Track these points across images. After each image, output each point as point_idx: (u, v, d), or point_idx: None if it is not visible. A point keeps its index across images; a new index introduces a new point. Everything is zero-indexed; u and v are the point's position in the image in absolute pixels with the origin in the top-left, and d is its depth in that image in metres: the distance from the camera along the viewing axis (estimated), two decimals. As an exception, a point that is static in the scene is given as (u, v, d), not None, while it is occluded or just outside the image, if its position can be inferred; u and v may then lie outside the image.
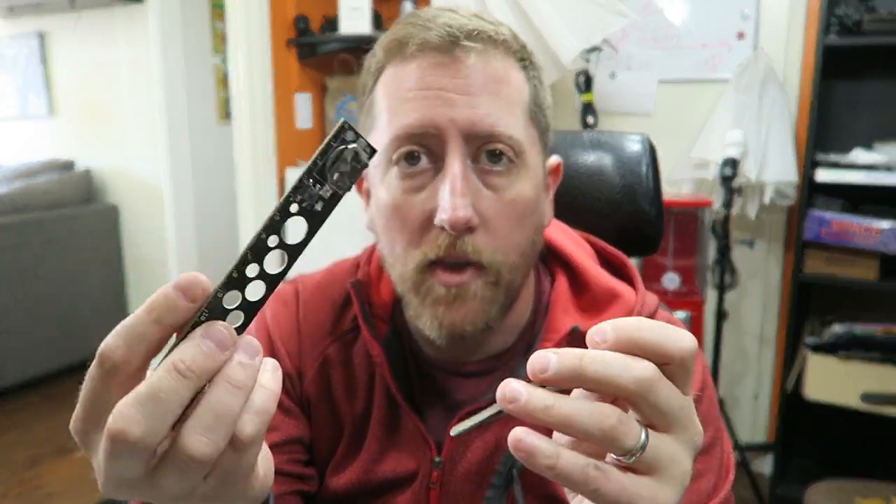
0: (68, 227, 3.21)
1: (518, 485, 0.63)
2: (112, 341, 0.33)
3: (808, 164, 1.93)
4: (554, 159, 0.69)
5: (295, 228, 0.36)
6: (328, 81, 2.68)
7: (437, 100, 0.57)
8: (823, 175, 1.88)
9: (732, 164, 1.92)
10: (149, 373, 0.33)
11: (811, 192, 1.97)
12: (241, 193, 2.56)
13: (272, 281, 0.35)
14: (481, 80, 0.57)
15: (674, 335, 0.34)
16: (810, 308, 2.24)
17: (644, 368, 0.33)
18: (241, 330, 0.35)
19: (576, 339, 0.62)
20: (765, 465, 2.36)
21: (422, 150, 0.58)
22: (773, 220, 2.26)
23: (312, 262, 0.64)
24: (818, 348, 1.90)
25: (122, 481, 0.33)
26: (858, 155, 1.92)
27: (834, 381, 1.88)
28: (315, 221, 0.35)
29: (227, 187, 3.17)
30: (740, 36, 2.21)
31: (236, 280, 0.34)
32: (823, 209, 1.95)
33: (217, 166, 3.42)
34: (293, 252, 0.35)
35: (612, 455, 0.35)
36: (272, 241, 0.34)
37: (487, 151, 0.58)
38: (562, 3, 1.90)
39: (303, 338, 0.71)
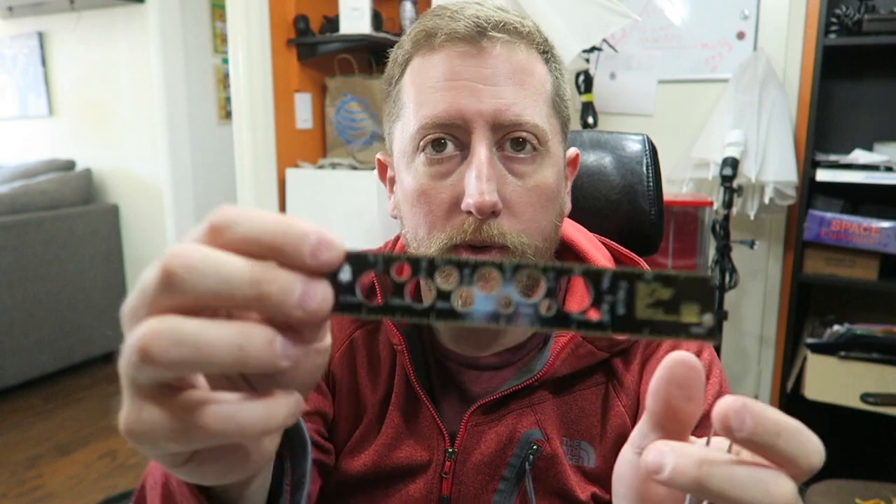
0: (68, 227, 3.21)
1: (530, 479, 0.64)
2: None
3: (808, 164, 1.93)
4: (572, 151, 0.70)
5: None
6: (328, 81, 2.67)
7: (464, 90, 0.58)
8: (823, 175, 1.88)
9: (732, 163, 1.92)
10: None
11: (811, 192, 1.97)
12: (241, 193, 2.56)
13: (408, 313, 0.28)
14: (507, 70, 0.59)
15: (809, 447, 0.30)
16: (810, 308, 2.24)
17: (786, 493, 0.29)
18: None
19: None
20: (765, 465, 2.36)
21: (448, 137, 0.59)
22: (773, 220, 2.26)
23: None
24: (818, 348, 1.90)
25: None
26: (858, 155, 1.92)
27: (834, 381, 1.88)
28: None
29: (227, 187, 3.17)
30: (740, 36, 2.21)
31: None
32: (823, 209, 1.95)
33: (217, 166, 3.42)
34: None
35: None
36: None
37: (512, 139, 0.59)
38: (562, 3, 1.90)
39: (331, 321, 0.71)
